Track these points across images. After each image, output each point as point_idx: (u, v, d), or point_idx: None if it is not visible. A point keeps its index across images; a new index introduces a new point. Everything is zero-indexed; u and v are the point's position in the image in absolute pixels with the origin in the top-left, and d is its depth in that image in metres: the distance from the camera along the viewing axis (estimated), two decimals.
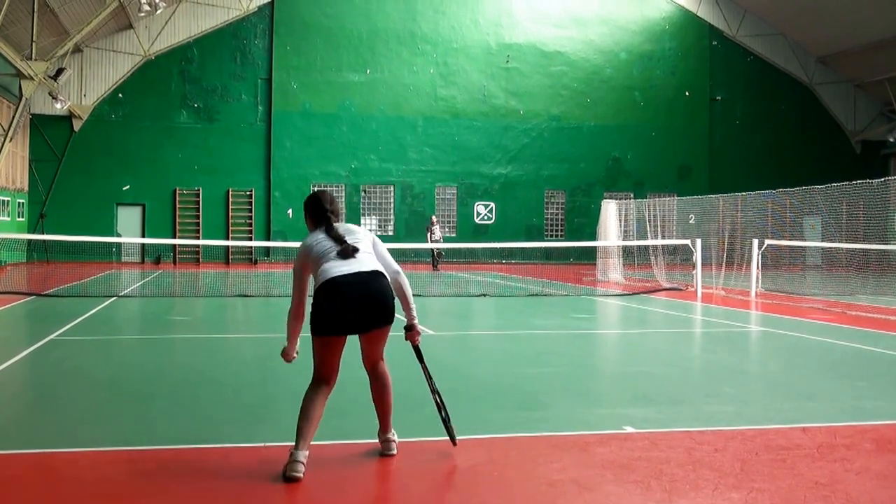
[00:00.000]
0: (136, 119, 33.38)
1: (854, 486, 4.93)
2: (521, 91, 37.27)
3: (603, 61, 38.13)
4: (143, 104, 33.42)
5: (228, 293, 19.68)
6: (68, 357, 9.56)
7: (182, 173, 33.70)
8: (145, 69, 33.42)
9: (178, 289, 20.96)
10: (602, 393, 8.15)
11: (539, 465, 5.24)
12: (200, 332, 12.78)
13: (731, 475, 5.08)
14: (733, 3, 39.56)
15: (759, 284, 20.51)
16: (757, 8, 39.25)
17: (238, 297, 18.49)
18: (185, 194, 33.76)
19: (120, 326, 13.26)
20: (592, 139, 38.02)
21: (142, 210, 33.66)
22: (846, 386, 8.49)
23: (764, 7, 38.97)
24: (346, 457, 5.39)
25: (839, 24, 36.90)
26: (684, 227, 26.72)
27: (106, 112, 33.16)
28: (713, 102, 39.75)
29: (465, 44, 36.78)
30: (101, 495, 4.64)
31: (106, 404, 7.05)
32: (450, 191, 36.85)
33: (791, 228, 28.83)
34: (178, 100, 33.89)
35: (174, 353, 10.55)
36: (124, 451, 5.45)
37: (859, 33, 36.72)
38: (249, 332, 13.07)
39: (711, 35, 39.65)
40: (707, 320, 15.55)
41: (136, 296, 18.29)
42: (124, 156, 33.18)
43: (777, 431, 6.27)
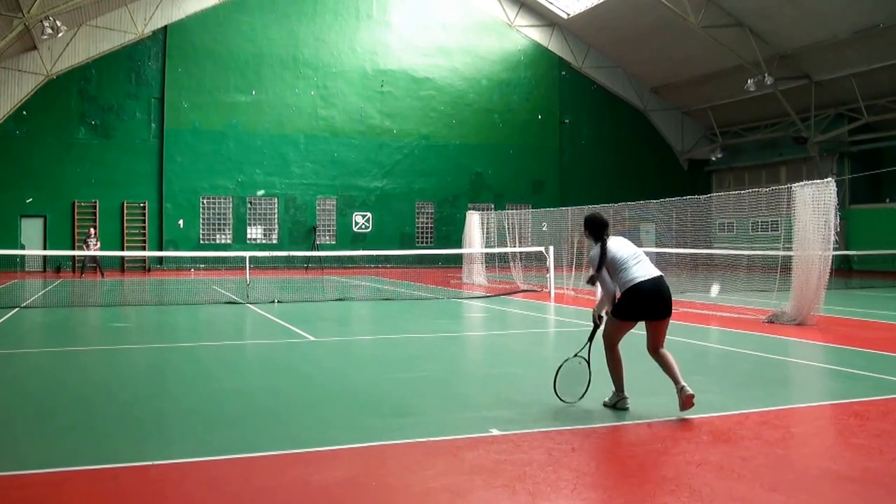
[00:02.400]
0: (39, 135, 33.58)
1: (695, 478, 5.14)
2: (394, 112, 38.82)
3: (467, 87, 40.16)
4: (44, 121, 33.63)
5: (125, 302, 19.47)
6: None
7: (80, 186, 33.99)
8: (48, 88, 33.59)
9: (77, 299, 20.53)
10: (469, 396, 8.09)
11: (414, 472, 5.24)
12: (98, 344, 12.24)
13: (588, 474, 5.27)
14: (579, 39, 42.07)
15: None
16: (599, 44, 41.77)
17: (133, 306, 18.36)
18: (83, 206, 34.06)
19: (21, 338, 12.77)
20: (458, 156, 39.99)
21: (43, 221, 33.86)
22: (684, 381, 8.37)
23: (605, 44, 41.44)
24: (229, 473, 5.25)
25: (668, 61, 39.73)
26: (538, 234, 27.75)
27: (10, 128, 33.28)
28: (562, 125, 42.26)
29: (343, 69, 38.05)
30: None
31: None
32: (330, 202, 37.96)
33: (630, 234, 29.89)
34: (78, 117, 34.16)
35: (72, 366, 9.98)
36: (15, 476, 5.18)
37: (686, 68, 39.80)
38: (144, 342, 12.31)
39: (560, 66, 42.15)
40: (561, 320, 16.05)
41: (39, 306, 17.84)
42: (27, 170, 33.40)
43: (626, 428, 6.52)
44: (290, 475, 5.24)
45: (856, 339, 12.52)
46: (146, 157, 35.40)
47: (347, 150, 38.37)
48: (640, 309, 7.07)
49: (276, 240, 37.29)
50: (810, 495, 5.04)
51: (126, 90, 35.16)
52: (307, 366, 10.13)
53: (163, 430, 6.48)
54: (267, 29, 37.11)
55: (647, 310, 7.08)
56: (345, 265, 36.91)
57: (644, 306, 7.05)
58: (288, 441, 6.10)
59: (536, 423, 6.70)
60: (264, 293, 21.02)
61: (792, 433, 6.71)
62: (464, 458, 5.62)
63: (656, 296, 7.04)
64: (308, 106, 37.75)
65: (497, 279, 26.57)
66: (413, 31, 39.46)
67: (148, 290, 23.66)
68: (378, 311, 17.64)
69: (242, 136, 36.68)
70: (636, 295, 6.98)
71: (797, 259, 14.60)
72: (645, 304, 7.03)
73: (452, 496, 4.82)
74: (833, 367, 10.30)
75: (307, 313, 16.46)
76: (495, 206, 37.28)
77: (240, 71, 36.65)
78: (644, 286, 6.98)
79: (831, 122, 37.24)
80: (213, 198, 36.24)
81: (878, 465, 5.61)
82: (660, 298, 7.07)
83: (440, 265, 35.89)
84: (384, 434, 6.29)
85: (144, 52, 35.39)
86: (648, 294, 7.00)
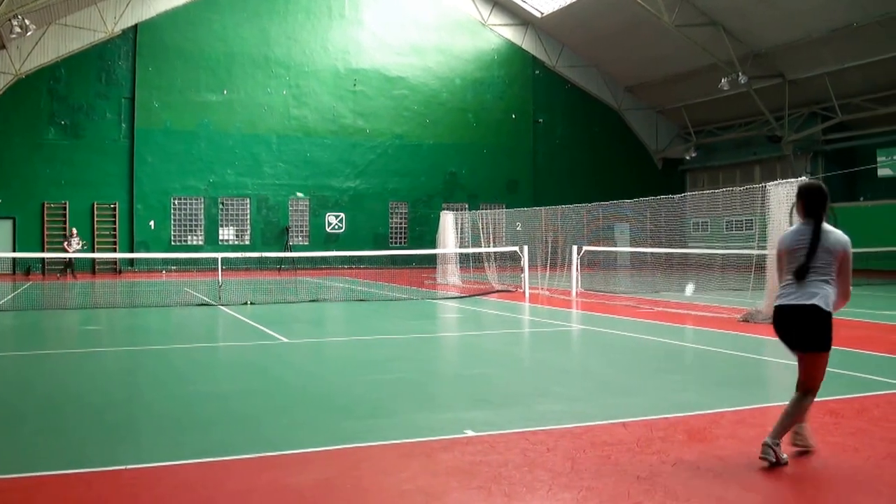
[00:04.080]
0: (7, 135, 33.11)
1: (671, 477, 5.14)
2: (367, 112, 38.69)
3: (440, 86, 40.10)
4: (13, 121, 33.18)
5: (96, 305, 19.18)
6: None
7: (50, 187, 33.61)
8: (17, 87, 33.16)
9: (47, 301, 20.19)
10: (445, 397, 8.17)
11: (389, 475, 5.23)
12: (70, 347, 12.13)
13: (563, 474, 5.23)
14: (553, 38, 42.14)
15: (579, 285, 21.49)
16: (573, 43, 41.92)
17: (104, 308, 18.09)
18: (52, 207, 33.70)
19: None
20: (431, 156, 39.92)
21: (12, 223, 33.42)
22: (659, 380, 8.89)
23: (579, 43, 41.62)
24: (203, 477, 5.18)
25: (642, 60, 39.97)
26: (513, 234, 27.85)
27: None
28: (536, 124, 42.30)
29: (315, 68, 37.85)
30: None
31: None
32: (302, 203, 37.83)
33: (604, 234, 30.62)
34: (47, 117, 33.73)
35: (43, 369, 9.86)
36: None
37: (660, 68, 40.03)
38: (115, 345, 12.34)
39: (534, 65, 42.20)
40: (535, 320, 16.10)
41: (8, 309, 17.68)
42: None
43: (601, 427, 6.49)
44: (264, 478, 5.20)
45: None
46: (117, 157, 35.02)
47: (320, 149, 38.21)
48: (779, 330, 5.71)
49: (248, 241, 37.10)
50: (787, 493, 5.06)
51: (96, 90, 34.76)
52: (281, 368, 10.06)
53: (136, 434, 6.44)
54: (238, 27, 36.87)
55: (783, 333, 5.71)
56: (318, 266, 36.80)
57: (781, 328, 5.70)
58: (262, 444, 6.05)
59: (511, 423, 6.66)
60: (237, 295, 20.89)
61: (768, 432, 6.58)
62: (439, 459, 5.61)
63: (790, 317, 5.60)
64: (280, 105, 37.55)
65: (471, 279, 26.57)
66: (386, 29, 39.35)
67: (119, 293, 23.49)
68: (352, 312, 17.59)
69: (214, 136, 36.39)
70: (776, 313, 5.71)
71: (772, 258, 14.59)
72: (781, 326, 5.69)
73: (428, 498, 4.81)
74: None
75: (280, 315, 16.41)
76: (469, 205, 37.18)
77: (211, 70, 36.37)
78: (783, 307, 5.62)
79: (805, 120, 37.56)
80: (184, 198, 35.96)
81: (854, 463, 5.62)
82: (794, 321, 5.59)
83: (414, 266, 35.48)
84: (358, 436, 6.26)
85: (115, 50, 35.02)
86: (784, 315, 5.64)
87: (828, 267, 5.47)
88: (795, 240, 5.60)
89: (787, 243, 5.64)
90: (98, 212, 34.63)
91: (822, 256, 5.46)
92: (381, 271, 34.47)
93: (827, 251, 5.47)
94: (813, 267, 5.43)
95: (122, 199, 35.02)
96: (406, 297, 21.48)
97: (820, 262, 5.43)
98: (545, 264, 23.82)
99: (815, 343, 5.44)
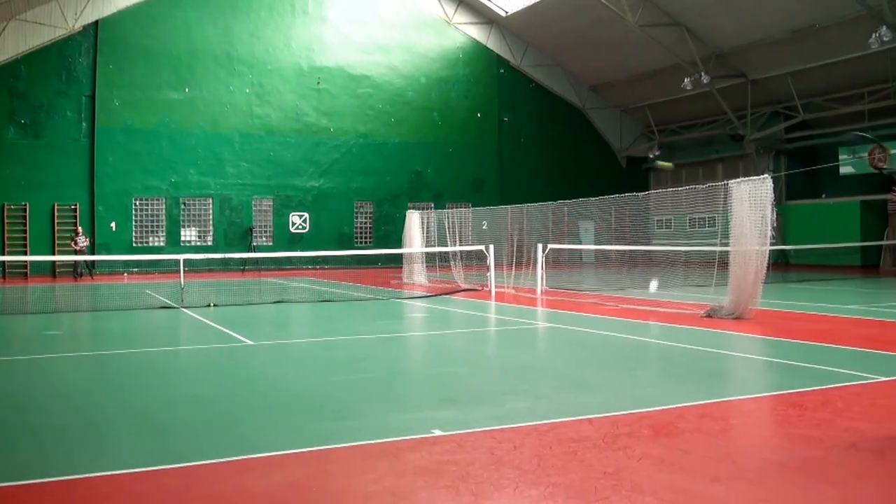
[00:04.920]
0: None
1: (637, 472, 5.19)
2: (331, 110, 38.38)
3: (405, 85, 39.88)
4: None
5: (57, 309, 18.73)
6: None
7: (9, 189, 32.81)
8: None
9: (5, 306, 19.67)
10: (412, 397, 8.18)
11: (355, 476, 5.21)
12: (28, 353, 11.59)
13: (530, 472, 5.24)
14: (517, 37, 41.99)
15: (544, 283, 21.47)
16: (538, 42, 41.93)
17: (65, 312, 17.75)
18: (12, 209, 32.95)
19: None
20: (396, 154, 39.70)
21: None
22: (624, 376, 9.01)
23: (543, 42, 41.64)
24: (167, 484, 5.10)
25: (606, 60, 40.15)
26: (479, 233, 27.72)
27: None
28: (501, 123, 42.21)
29: (278, 66, 37.39)
30: None
31: None
32: (266, 202, 37.49)
33: (569, 232, 30.80)
34: (7, 116, 32.94)
35: (0, 376, 9.57)
36: None
37: (623, 67, 40.24)
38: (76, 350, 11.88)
39: (499, 64, 42.03)
40: (501, 319, 16.09)
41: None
42: None
43: (567, 424, 6.52)
44: (229, 483, 5.15)
45: (793, 332, 12.73)
46: (77, 157, 34.36)
47: (283, 148, 37.89)
48: None
49: (211, 241, 36.60)
50: (752, 485, 5.07)
51: (56, 88, 33.98)
52: (245, 371, 9.95)
53: (97, 442, 6.28)
54: (201, 24, 36.31)
55: None
56: (282, 266, 36.57)
57: None
58: (226, 448, 5.97)
59: (479, 422, 6.67)
60: (200, 297, 20.65)
61: (732, 425, 6.82)
62: (406, 459, 5.60)
63: None
64: (243, 104, 37.11)
65: (438, 279, 26.57)
66: (350, 27, 39.12)
67: (80, 296, 23.12)
68: (317, 312, 17.54)
69: (175, 134, 35.83)
70: None
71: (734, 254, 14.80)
72: None
73: (395, 499, 4.80)
74: (771, 359, 10.47)
75: (244, 316, 16.28)
76: (435, 205, 37.19)
77: (173, 68, 35.78)
78: None
79: (767, 119, 38.00)
80: (145, 199, 35.48)
81: (818, 454, 5.71)
82: None
83: (380, 265, 35.74)
84: (325, 438, 6.21)
85: (75, 47, 34.26)
86: None
87: None
88: None
89: None
90: (59, 213, 33.93)
91: None
92: (347, 271, 34.30)
93: None
94: None
95: (82, 201, 34.28)
96: (372, 297, 21.44)
97: None
98: (511, 263, 23.82)
99: None
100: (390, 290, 24.07)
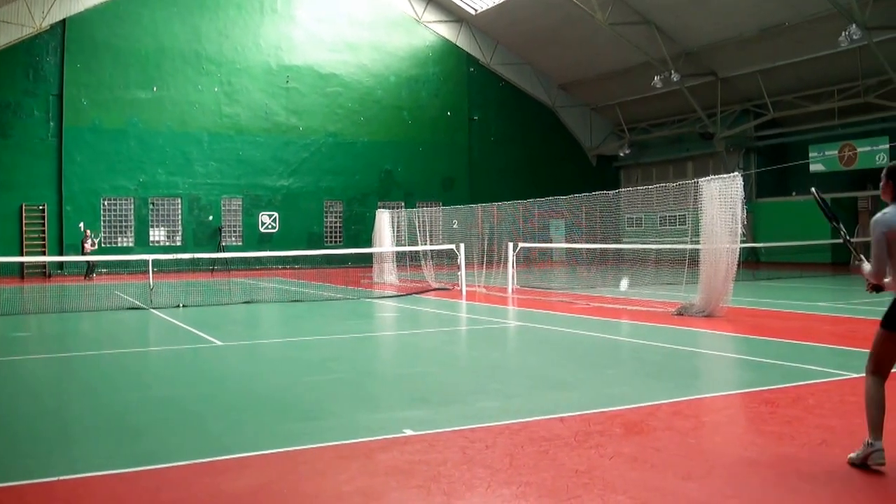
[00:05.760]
0: None
1: (609, 470, 5.20)
2: (300, 109, 38.14)
3: (374, 83, 39.72)
4: None
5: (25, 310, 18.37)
6: None
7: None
8: None
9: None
10: (383, 397, 8.10)
11: (327, 477, 5.18)
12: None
13: (502, 471, 5.23)
14: (487, 36, 41.98)
15: (515, 282, 21.50)
16: (507, 41, 41.95)
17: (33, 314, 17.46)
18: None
19: None
20: (366, 153, 39.51)
21: None
22: (596, 374, 9.01)
23: (513, 41, 41.66)
24: (137, 487, 5.04)
25: (576, 58, 40.20)
26: (449, 232, 27.89)
27: None
28: (471, 122, 42.19)
29: (247, 65, 37.13)
30: None
31: None
32: (235, 202, 37.17)
33: (540, 231, 30.84)
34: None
35: None
36: None
37: (593, 66, 40.33)
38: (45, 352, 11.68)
39: (469, 63, 42.00)
40: (472, 318, 16.01)
41: None
42: None
43: (539, 423, 6.49)
44: (200, 485, 5.10)
45: (764, 329, 12.79)
46: (45, 157, 33.85)
47: (252, 148, 37.57)
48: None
49: (179, 242, 36.25)
50: (724, 482, 5.08)
51: (24, 87, 33.43)
52: (215, 372, 9.89)
53: (68, 444, 6.20)
54: (169, 23, 35.98)
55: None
56: (252, 266, 36.15)
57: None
58: (197, 450, 5.92)
59: (450, 422, 6.66)
60: (168, 297, 20.45)
61: (704, 422, 6.82)
62: (378, 460, 5.57)
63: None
64: (211, 103, 36.77)
65: (408, 278, 26.55)
66: (319, 25, 38.89)
67: (48, 297, 22.84)
68: (287, 313, 17.45)
69: (144, 134, 35.43)
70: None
71: (705, 252, 14.91)
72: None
73: (366, 499, 4.77)
74: (742, 356, 10.51)
75: (214, 317, 16.17)
76: (405, 204, 37.08)
77: (141, 66, 35.40)
78: None
79: (737, 117, 38.24)
80: (113, 199, 35.07)
81: (789, 451, 5.73)
82: None
83: (350, 265, 35.49)
84: (296, 439, 6.17)
85: (43, 46, 33.76)
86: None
87: None
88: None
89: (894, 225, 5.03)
90: (26, 214, 33.47)
91: None
92: (317, 271, 34.05)
93: None
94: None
95: (50, 201, 33.82)
96: (342, 296, 21.32)
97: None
98: (482, 262, 23.83)
99: None
100: (360, 289, 23.98)
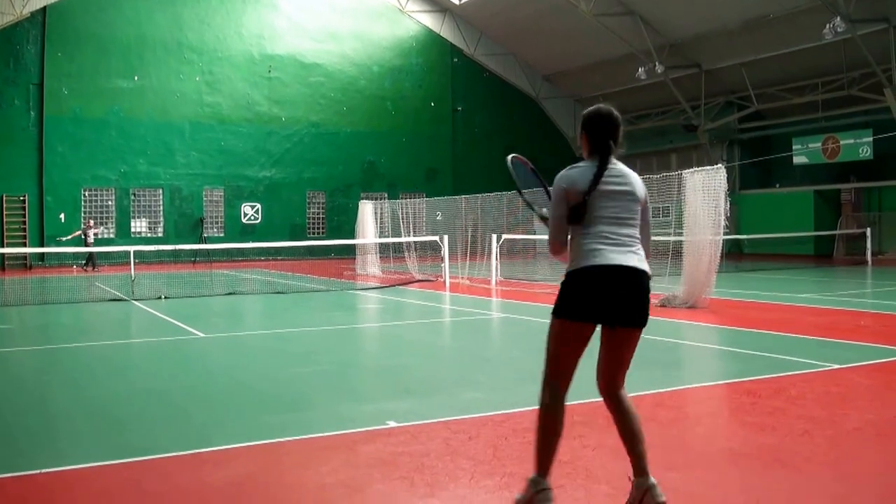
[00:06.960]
0: None
1: (591, 461, 5.23)
2: (282, 99, 37.97)
3: (358, 73, 39.60)
4: None
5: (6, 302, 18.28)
6: None
7: None
8: None
9: None
10: (367, 388, 8.12)
11: (310, 468, 5.18)
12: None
13: (486, 462, 5.24)
14: (471, 26, 41.82)
15: (499, 273, 21.59)
16: (491, 31, 41.80)
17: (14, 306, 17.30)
18: None
19: None
20: (349, 144, 39.33)
21: None
22: (579, 366, 8.59)
23: (497, 31, 41.52)
24: (120, 479, 5.02)
25: (560, 49, 40.01)
26: (433, 223, 27.83)
27: None
28: (455, 112, 42.14)
29: (229, 54, 36.88)
30: None
31: None
32: (217, 193, 37.05)
33: (524, 222, 31.82)
34: None
35: None
36: None
37: (577, 57, 40.13)
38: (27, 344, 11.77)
39: (453, 53, 41.85)
40: (456, 309, 16.13)
41: None
42: None
43: (522, 414, 6.41)
44: (183, 477, 5.10)
45: (746, 321, 12.82)
46: (25, 147, 33.50)
47: (235, 138, 37.35)
48: (595, 300, 4.28)
49: (161, 233, 36.11)
50: (707, 472, 5.12)
51: (4, 76, 33.07)
52: (198, 364, 9.85)
53: (51, 437, 6.18)
54: (150, 11, 35.63)
55: (604, 302, 4.28)
56: (234, 258, 35.92)
57: (601, 295, 4.25)
58: (180, 442, 5.92)
59: (433, 413, 6.67)
60: (150, 289, 20.25)
61: (686, 413, 6.86)
62: (361, 451, 5.57)
63: (621, 281, 4.24)
64: (193, 92, 36.50)
65: (392, 269, 26.47)
66: (302, 14, 38.66)
67: (30, 289, 22.60)
68: (270, 304, 17.41)
69: (125, 123, 35.11)
70: (590, 278, 4.25)
71: (688, 244, 14.98)
72: (603, 293, 4.24)
73: (350, 491, 4.76)
74: (725, 347, 10.62)
75: (196, 309, 16.07)
76: (389, 195, 37.04)
77: (122, 55, 35.07)
78: (608, 268, 4.22)
79: (721, 109, 38.25)
80: (95, 190, 34.83)
81: (772, 441, 5.73)
82: (627, 287, 4.27)
83: (333, 256, 35.62)
84: (279, 430, 6.15)
85: (23, 34, 33.32)
86: (610, 277, 4.23)
87: (635, 218, 4.34)
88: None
89: (579, 184, 4.23)
90: (7, 205, 33.14)
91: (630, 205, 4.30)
92: (300, 262, 33.94)
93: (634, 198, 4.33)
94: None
95: (31, 192, 33.51)
96: (325, 288, 21.30)
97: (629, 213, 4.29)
98: (465, 253, 23.80)
99: (644, 316, 4.33)
100: (344, 281, 23.93)
